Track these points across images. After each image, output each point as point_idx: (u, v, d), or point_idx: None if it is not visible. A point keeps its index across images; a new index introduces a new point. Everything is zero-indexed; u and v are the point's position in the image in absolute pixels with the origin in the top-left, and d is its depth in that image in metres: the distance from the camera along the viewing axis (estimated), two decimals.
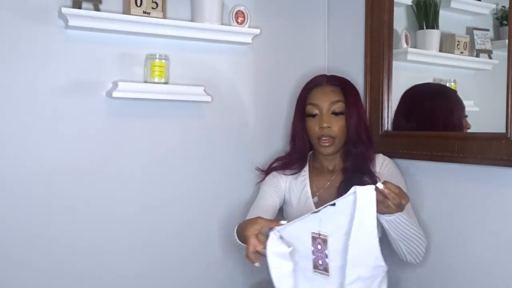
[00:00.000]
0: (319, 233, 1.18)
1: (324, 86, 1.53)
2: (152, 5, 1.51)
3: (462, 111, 1.44)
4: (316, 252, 1.19)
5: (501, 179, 1.27)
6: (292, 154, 1.60)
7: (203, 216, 1.71)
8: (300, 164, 1.58)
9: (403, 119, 1.59)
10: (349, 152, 1.50)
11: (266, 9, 1.79)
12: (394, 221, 1.24)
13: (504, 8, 1.32)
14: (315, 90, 1.54)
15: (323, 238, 1.18)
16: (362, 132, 1.50)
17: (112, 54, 1.54)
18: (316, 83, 1.55)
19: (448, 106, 1.50)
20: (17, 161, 1.44)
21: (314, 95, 1.53)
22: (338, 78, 1.57)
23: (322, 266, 1.19)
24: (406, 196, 1.17)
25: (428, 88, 1.56)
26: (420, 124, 1.53)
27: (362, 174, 1.46)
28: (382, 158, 1.53)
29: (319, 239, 1.18)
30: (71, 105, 1.49)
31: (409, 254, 1.36)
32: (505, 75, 1.21)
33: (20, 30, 1.42)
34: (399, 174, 1.51)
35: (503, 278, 1.28)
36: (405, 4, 1.61)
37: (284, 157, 1.62)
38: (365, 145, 1.50)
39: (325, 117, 1.49)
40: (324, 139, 1.49)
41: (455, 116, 1.48)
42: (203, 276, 1.72)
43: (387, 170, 1.49)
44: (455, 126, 1.48)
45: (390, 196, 1.13)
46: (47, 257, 1.48)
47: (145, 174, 1.61)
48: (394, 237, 1.31)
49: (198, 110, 1.69)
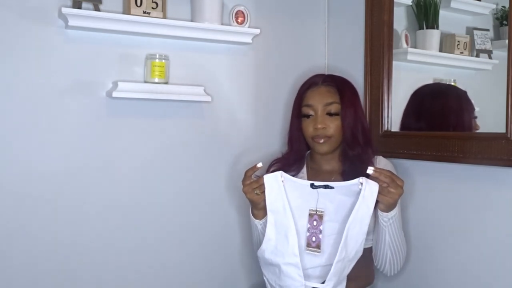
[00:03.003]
0: (316, 210, 1.29)
1: (320, 86, 1.50)
2: (152, 5, 1.51)
3: (472, 112, 1.43)
4: (312, 228, 1.30)
5: (501, 179, 1.27)
6: (289, 155, 1.57)
7: (203, 215, 1.71)
8: (298, 166, 1.56)
9: (412, 119, 1.57)
10: (346, 154, 1.48)
11: (266, 9, 1.79)
12: (394, 218, 1.30)
13: (504, 8, 1.32)
14: (310, 90, 1.51)
15: (319, 214, 1.29)
16: (358, 133, 1.46)
17: (112, 54, 1.54)
18: (312, 83, 1.52)
19: (458, 106, 1.49)
20: (17, 161, 1.44)
21: (309, 95, 1.50)
22: (335, 78, 1.54)
23: (315, 243, 1.29)
24: (399, 178, 1.25)
25: (437, 88, 1.54)
26: (429, 124, 1.51)
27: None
28: (383, 162, 1.49)
29: (316, 215, 1.29)
30: (71, 105, 1.49)
31: (390, 264, 1.39)
32: (505, 75, 1.21)
33: (20, 30, 1.42)
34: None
35: (503, 277, 1.28)
36: (405, 4, 1.61)
37: (281, 159, 1.59)
38: (362, 147, 1.46)
39: (319, 118, 1.46)
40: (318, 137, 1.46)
41: (465, 117, 1.46)
42: (203, 277, 1.72)
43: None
44: (465, 127, 1.46)
45: (382, 177, 1.22)
46: (48, 256, 1.48)
47: (145, 174, 1.61)
48: (388, 240, 1.33)
49: (198, 110, 1.69)
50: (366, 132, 1.50)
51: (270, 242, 1.30)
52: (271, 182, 1.29)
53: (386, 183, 1.22)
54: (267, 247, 1.31)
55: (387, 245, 1.35)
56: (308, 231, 1.29)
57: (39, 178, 1.46)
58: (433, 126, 1.50)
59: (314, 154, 1.55)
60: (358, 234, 1.25)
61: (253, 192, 1.32)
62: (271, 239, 1.30)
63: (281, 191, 1.28)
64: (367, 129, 1.53)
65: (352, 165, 1.46)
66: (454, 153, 1.36)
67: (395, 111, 1.61)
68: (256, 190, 1.32)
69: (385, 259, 1.38)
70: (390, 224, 1.31)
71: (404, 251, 1.40)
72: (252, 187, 1.32)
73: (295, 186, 1.30)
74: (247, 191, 1.33)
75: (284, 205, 1.28)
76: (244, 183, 1.34)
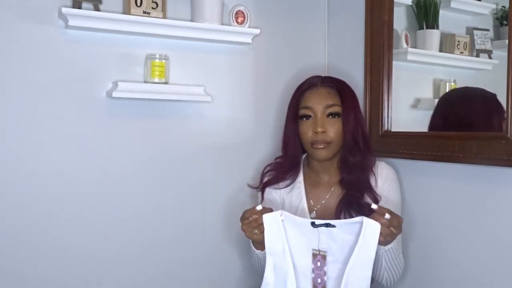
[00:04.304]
0: (319, 250, 1.21)
1: (319, 88, 1.45)
2: (152, 5, 1.51)
3: (502, 114, 1.40)
4: (316, 269, 1.22)
5: (501, 179, 1.27)
6: (284, 161, 1.50)
7: (202, 215, 1.71)
8: (293, 172, 1.49)
9: (440, 128, 1.51)
10: (346, 161, 1.42)
11: (266, 9, 1.79)
12: (391, 250, 1.28)
13: (504, 8, 1.32)
14: (309, 92, 1.45)
15: (322, 255, 1.21)
16: (359, 138, 1.41)
17: (112, 54, 1.54)
18: (310, 85, 1.46)
19: (487, 110, 1.42)
20: (17, 161, 1.43)
21: (308, 97, 1.44)
22: (334, 80, 1.49)
23: (321, 285, 1.22)
24: (399, 216, 1.22)
25: (464, 94, 1.49)
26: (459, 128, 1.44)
27: (362, 191, 1.39)
28: (385, 170, 1.44)
29: (319, 256, 1.21)
30: (71, 105, 1.49)
31: (387, 281, 1.38)
32: (505, 75, 1.21)
33: (20, 30, 1.42)
34: (397, 192, 1.45)
35: (503, 277, 1.28)
36: (405, 4, 1.61)
37: (275, 165, 1.52)
38: (363, 154, 1.41)
39: (319, 121, 1.39)
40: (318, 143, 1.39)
41: (494, 120, 1.43)
42: (203, 277, 1.72)
43: (388, 187, 1.43)
44: (495, 130, 1.41)
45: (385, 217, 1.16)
46: (47, 256, 1.48)
47: (145, 174, 1.61)
48: (384, 265, 1.32)
49: (198, 110, 1.69)
50: (366, 137, 1.45)
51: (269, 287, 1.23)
52: (271, 222, 1.22)
53: (387, 222, 1.17)
54: None
55: (384, 268, 1.33)
56: (313, 272, 1.22)
57: (39, 178, 1.46)
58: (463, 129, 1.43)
59: (311, 160, 1.49)
60: (360, 279, 1.17)
61: (252, 231, 1.25)
62: (269, 284, 1.23)
63: (280, 231, 1.22)
64: (367, 135, 1.48)
65: (351, 172, 1.41)
66: (454, 153, 1.35)
67: (395, 111, 1.61)
68: (255, 229, 1.24)
69: (381, 277, 1.37)
70: (388, 253, 1.29)
71: (401, 266, 1.38)
72: (252, 226, 1.24)
73: (295, 224, 1.23)
74: (246, 230, 1.26)
75: (283, 247, 1.22)
76: (243, 222, 1.26)
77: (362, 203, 1.36)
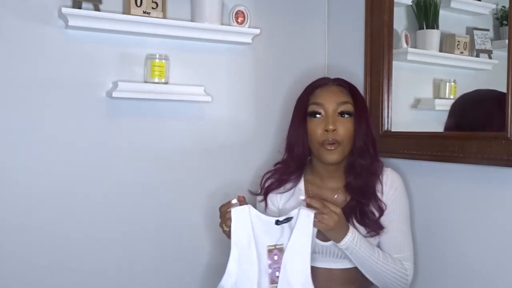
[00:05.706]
0: (275, 244, 1.25)
1: (330, 86, 1.39)
2: (152, 5, 1.52)
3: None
4: (273, 264, 1.25)
5: (501, 179, 1.27)
6: (288, 163, 1.42)
7: (202, 215, 1.71)
8: (298, 175, 1.43)
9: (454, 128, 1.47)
10: (354, 165, 1.36)
11: (266, 9, 1.79)
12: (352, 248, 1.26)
13: (504, 8, 1.32)
14: (320, 89, 1.39)
15: (279, 248, 1.25)
16: (369, 140, 1.36)
17: (112, 54, 1.54)
18: (321, 83, 1.41)
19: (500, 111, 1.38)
20: (17, 161, 1.44)
21: (319, 94, 1.38)
22: (345, 81, 1.43)
23: (279, 278, 1.24)
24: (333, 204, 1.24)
25: (476, 97, 1.43)
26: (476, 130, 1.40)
27: (368, 198, 1.34)
28: (391, 178, 1.39)
29: (276, 250, 1.25)
30: (70, 105, 1.49)
31: (377, 282, 1.34)
32: (505, 75, 1.21)
33: (20, 30, 1.42)
34: (403, 200, 1.40)
35: (503, 277, 1.28)
36: (405, 4, 1.61)
37: (278, 170, 1.45)
38: (372, 158, 1.36)
39: (331, 118, 1.33)
40: (329, 143, 1.32)
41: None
42: (203, 277, 1.72)
43: (393, 195, 1.38)
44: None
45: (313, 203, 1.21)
46: (46, 256, 1.48)
47: (145, 173, 1.61)
48: (361, 269, 1.31)
49: (198, 110, 1.69)
50: (375, 141, 1.40)
51: (230, 279, 1.23)
52: (238, 215, 1.24)
53: (318, 209, 1.21)
54: (226, 283, 1.23)
55: (367, 272, 1.31)
56: (270, 267, 1.24)
57: (39, 178, 1.46)
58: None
59: (316, 163, 1.42)
60: (302, 264, 1.21)
61: (223, 226, 1.27)
62: (231, 275, 1.23)
63: (247, 226, 1.24)
64: (375, 139, 1.42)
65: (358, 177, 1.35)
66: (454, 153, 1.35)
67: (395, 111, 1.61)
68: (224, 224, 1.26)
69: (377, 282, 1.34)
70: (350, 252, 1.27)
71: (393, 273, 1.31)
72: (223, 221, 1.26)
73: (261, 222, 1.25)
74: (220, 225, 1.28)
75: (249, 241, 1.23)
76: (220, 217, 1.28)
77: (365, 210, 1.34)
